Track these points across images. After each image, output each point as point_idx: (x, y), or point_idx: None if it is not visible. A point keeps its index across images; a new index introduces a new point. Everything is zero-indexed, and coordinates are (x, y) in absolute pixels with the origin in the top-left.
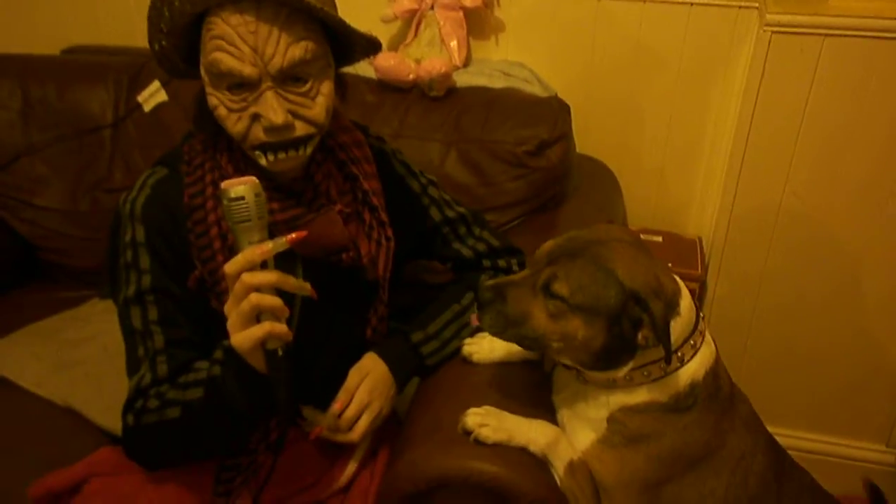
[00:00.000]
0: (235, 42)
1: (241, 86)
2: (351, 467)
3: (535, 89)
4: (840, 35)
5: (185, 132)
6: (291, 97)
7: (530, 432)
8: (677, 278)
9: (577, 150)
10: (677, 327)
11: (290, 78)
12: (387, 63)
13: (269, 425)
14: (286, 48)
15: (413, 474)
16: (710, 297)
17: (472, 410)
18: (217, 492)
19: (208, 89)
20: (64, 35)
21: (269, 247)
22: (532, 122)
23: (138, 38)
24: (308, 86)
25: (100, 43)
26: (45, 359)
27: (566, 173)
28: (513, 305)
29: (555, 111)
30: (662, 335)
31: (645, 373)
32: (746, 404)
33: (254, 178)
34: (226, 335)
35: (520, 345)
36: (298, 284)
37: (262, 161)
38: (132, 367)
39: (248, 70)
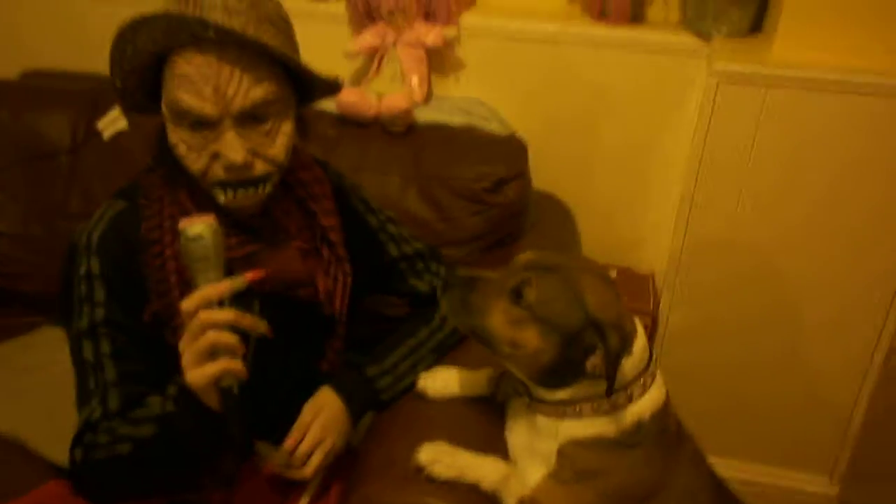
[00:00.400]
0: (197, 82)
1: (201, 124)
2: (303, 503)
3: (494, 127)
4: (782, 87)
5: (145, 162)
6: (252, 136)
7: (481, 469)
8: (637, 322)
9: (534, 186)
10: (628, 365)
11: (250, 118)
12: (348, 99)
13: (219, 461)
14: (248, 89)
15: None
16: (662, 333)
17: (426, 446)
18: None
19: (169, 126)
20: (22, 59)
21: (227, 286)
22: (490, 160)
23: (99, 63)
24: (268, 125)
25: (60, 68)
26: None
27: (523, 210)
28: (478, 296)
29: (513, 149)
30: (610, 367)
31: (594, 405)
32: (692, 442)
33: (212, 217)
34: (180, 370)
35: (472, 336)
36: (254, 322)
37: (221, 198)
38: (82, 400)
39: (209, 109)
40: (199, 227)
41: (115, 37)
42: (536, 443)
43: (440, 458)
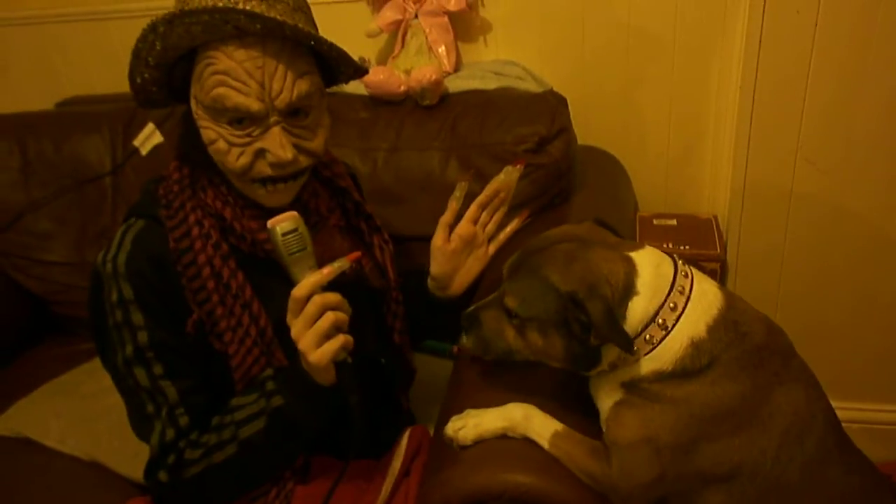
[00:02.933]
0: (242, 77)
1: (244, 120)
2: (386, 489)
3: (530, 86)
4: None
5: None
6: (296, 131)
7: (500, 420)
8: (640, 252)
9: (579, 142)
10: (639, 305)
11: (294, 112)
12: (376, 78)
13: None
14: (293, 83)
15: (445, 495)
16: (732, 275)
17: (452, 419)
18: None
19: (204, 123)
20: (57, 89)
21: (333, 269)
22: (529, 120)
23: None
24: (310, 118)
25: (93, 92)
26: (66, 415)
27: (570, 167)
28: (487, 327)
29: (551, 105)
30: (605, 331)
31: (622, 357)
32: (797, 359)
33: (294, 212)
34: (229, 373)
35: (506, 360)
36: (345, 302)
37: (261, 192)
38: (141, 426)
39: (255, 106)
40: (289, 222)
41: (144, 31)
42: (604, 384)
43: (464, 423)
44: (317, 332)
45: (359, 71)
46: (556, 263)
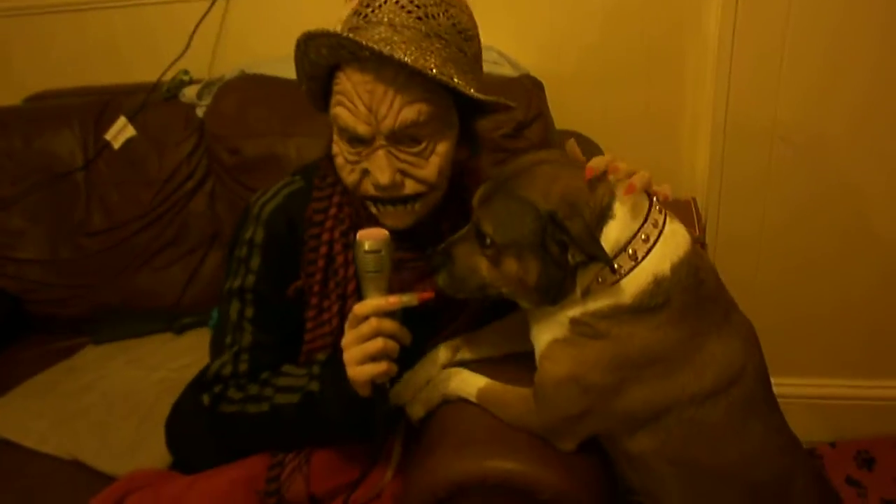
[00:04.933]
0: (353, 99)
1: (356, 140)
2: (389, 473)
3: (505, 70)
4: None
5: (157, 163)
6: (403, 157)
7: (437, 390)
8: (619, 183)
9: (557, 126)
10: (614, 229)
11: (403, 138)
12: None
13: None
14: (399, 109)
15: (431, 482)
16: (711, 257)
17: (399, 391)
18: (269, 490)
19: (333, 136)
20: (24, 84)
21: (400, 301)
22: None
23: (100, 75)
24: (422, 146)
25: (62, 86)
26: (45, 415)
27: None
28: (459, 263)
29: (528, 90)
30: (587, 247)
31: (599, 279)
32: (739, 314)
33: (386, 232)
34: (330, 349)
35: (481, 297)
36: (407, 335)
37: (373, 209)
38: (216, 349)
39: (361, 128)
40: (376, 242)
41: (296, 45)
42: (551, 317)
43: (417, 399)
44: (363, 350)
45: (496, 105)
46: (537, 184)
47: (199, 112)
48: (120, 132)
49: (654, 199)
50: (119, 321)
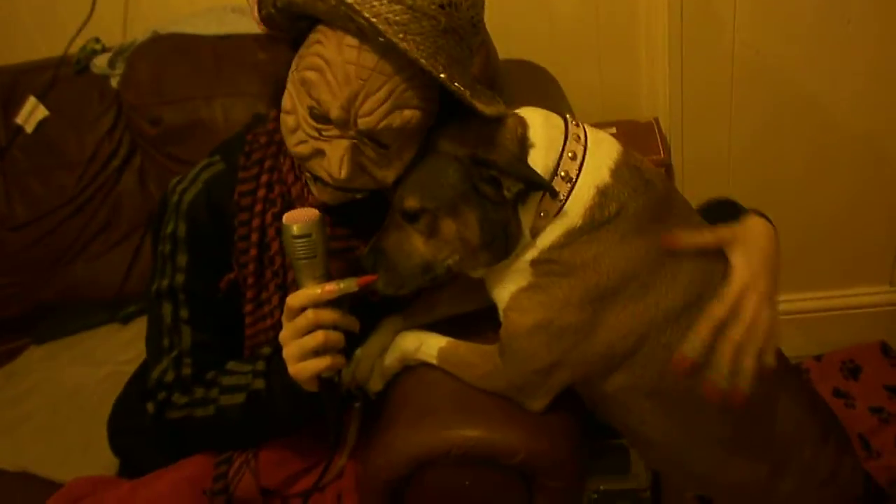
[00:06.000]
0: (339, 77)
1: (321, 118)
2: (344, 456)
3: None
4: None
5: (76, 144)
6: (368, 153)
7: (394, 356)
8: (523, 109)
9: (501, 56)
10: (538, 156)
11: (376, 138)
12: None
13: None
14: (386, 112)
15: (390, 459)
16: (679, 179)
17: (351, 370)
18: (216, 488)
19: (291, 88)
20: None
21: (336, 289)
22: None
23: (2, 56)
24: (392, 150)
25: None
26: None
27: (492, 83)
28: (393, 254)
29: None
30: (520, 171)
31: (542, 213)
32: (697, 216)
33: (317, 212)
34: (270, 343)
35: (429, 284)
36: (352, 322)
37: (310, 184)
38: (154, 354)
39: (335, 112)
40: (305, 224)
41: None
42: (506, 267)
43: (373, 374)
44: (301, 346)
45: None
46: (448, 132)
47: (114, 82)
48: (31, 114)
49: (567, 116)
50: (60, 317)
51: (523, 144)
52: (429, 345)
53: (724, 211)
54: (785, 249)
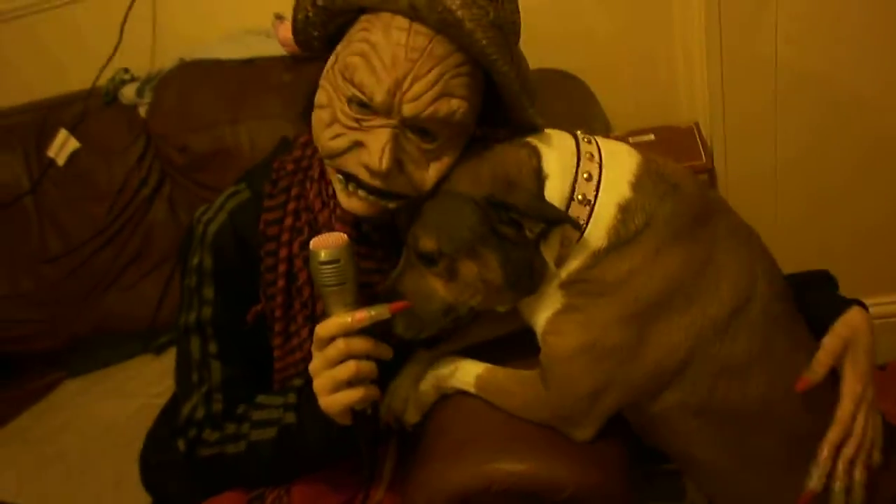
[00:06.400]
0: (386, 60)
1: (363, 105)
2: (381, 491)
3: None
4: None
5: (106, 174)
6: (409, 148)
7: (431, 384)
8: (532, 137)
9: (533, 65)
10: (554, 186)
11: (421, 129)
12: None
13: None
14: (435, 98)
15: (426, 497)
16: (723, 184)
17: (387, 402)
18: None
19: (325, 84)
20: None
21: (368, 316)
22: None
23: (34, 90)
24: (434, 146)
25: None
26: (17, 464)
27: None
28: (411, 297)
29: None
30: (541, 213)
31: (564, 242)
32: (734, 213)
33: (345, 237)
34: (301, 376)
35: (451, 327)
36: (385, 350)
37: (339, 186)
38: (184, 389)
39: (379, 97)
40: (333, 250)
41: None
42: (542, 296)
43: (407, 404)
44: (332, 378)
45: (531, 127)
46: (463, 172)
47: (142, 112)
48: (63, 147)
49: (578, 133)
50: (93, 349)
51: (539, 177)
52: (465, 371)
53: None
54: (836, 255)
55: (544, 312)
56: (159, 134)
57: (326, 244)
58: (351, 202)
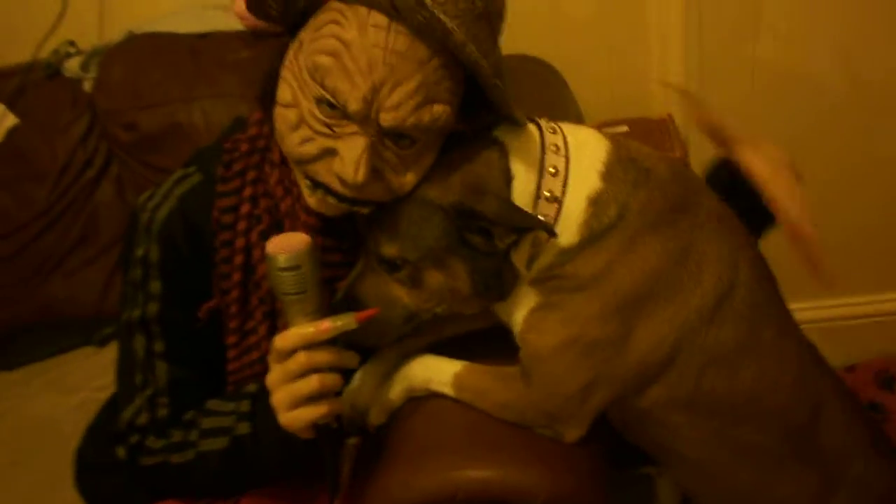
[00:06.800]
0: (360, 63)
1: (334, 106)
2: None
3: None
4: None
5: (48, 153)
6: (387, 155)
7: (400, 386)
8: (499, 131)
9: (504, 51)
10: (519, 187)
11: (399, 135)
12: None
13: None
14: (416, 107)
15: None
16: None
17: (349, 402)
18: None
19: (289, 76)
20: None
21: (334, 326)
22: None
23: None
24: (413, 150)
25: None
26: None
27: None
28: (371, 303)
29: None
30: (513, 221)
31: (535, 243)
32: (710, 195)
33: (307, 239)
34: (254, 381)
35: (413, 330)
36: (350, 358)
37: (306, 191)
38: (126, 392)
39: (354, 105)
40: (293, 254)
41: None
42: (514, 294)
43: (374, 403)
44: (293, 393)
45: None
46: (429, 181)
47: (88, 87)
48: (0, 122)
49: (542, 122)
50: (32, 341)
51: (507, 178)
52: (441, 371)
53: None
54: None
55: (519, 311)
56: (105, 110)
57: (286, 247)
58: (319, 205)
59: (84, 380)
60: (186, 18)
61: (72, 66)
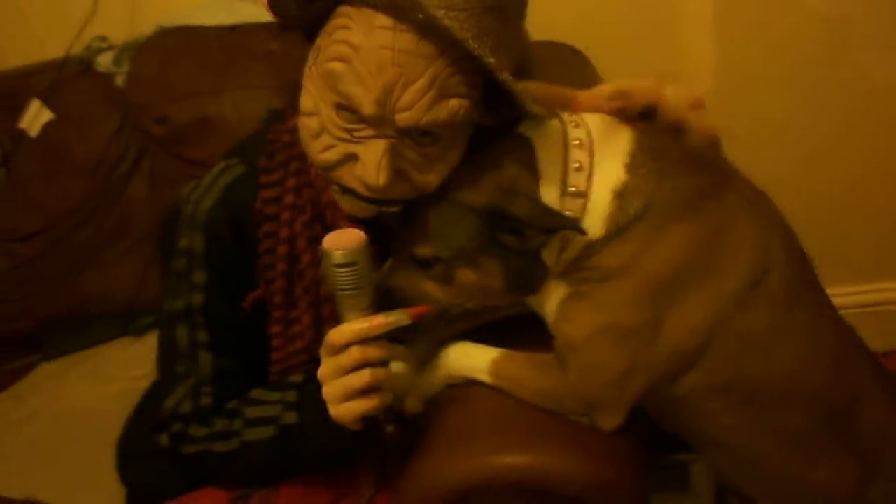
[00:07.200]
0: (370, 66)
1: (353, 112)
2: (370, 489)
3: None
4: None
5: (82, 147)
6: (409, 154)
7: (437, 374)
8: (525, 126)
9: (533, 37)
10: (546, 183)
11: (419, 132)
12: None
13: None
14: (430, 104)
15: (422, 492)
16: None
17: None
18: None
19: (309, 86)
20: None
21: (387, 322)
22: None
23: (5, 59)
24: (436, 147)
25: None
26: None
27: (523, 67)
28: (403, 299)
29: None
30: (545, 222)
31: (564, 239)
32: (739, 175)
33: (362, 234)
34: (305, 373)
35: (447, 323)
36: (402, 353)
37: (338, 198)
38: (167, 382)
39: (368, 109)
40: (349, 251)
41: None
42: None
43: (412, 391)
44: (344, 386)
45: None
46: (461, 182)
47: (119, 81)
48: (35, 117)
49: (564, 116)
50: (71, 331)
51: (536, 177)
52: (478, 358)
53: None
54: (832, 238)
55: (550, 302)
56: (138, 104)
57: (342, 243)
58: (350, 208)
59: (122, 369)
60: (216, 11)
61: (104, 61)
